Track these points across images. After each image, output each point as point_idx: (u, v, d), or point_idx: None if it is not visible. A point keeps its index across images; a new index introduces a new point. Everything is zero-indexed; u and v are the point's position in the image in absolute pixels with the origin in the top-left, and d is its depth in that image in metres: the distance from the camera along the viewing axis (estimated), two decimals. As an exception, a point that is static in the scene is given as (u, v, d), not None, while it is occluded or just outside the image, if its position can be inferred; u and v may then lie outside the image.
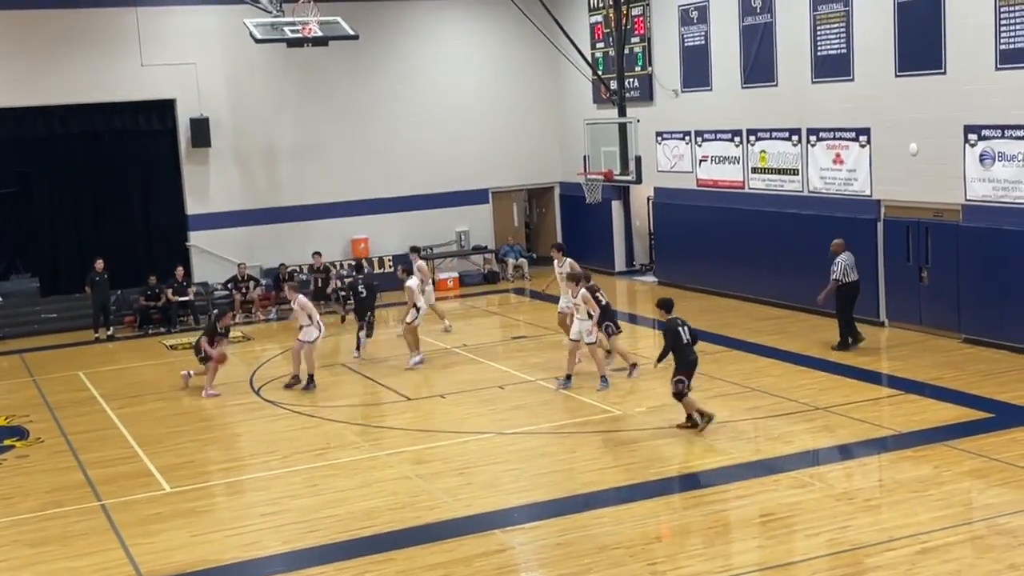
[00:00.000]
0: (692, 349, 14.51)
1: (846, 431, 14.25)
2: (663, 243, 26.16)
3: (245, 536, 11.86)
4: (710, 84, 23.93)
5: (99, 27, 25.04)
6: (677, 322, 14.55)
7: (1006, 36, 17.13)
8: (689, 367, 14.43)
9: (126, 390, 18.96)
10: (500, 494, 12.68)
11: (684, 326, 14.51)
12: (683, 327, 14.48)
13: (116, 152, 26.23)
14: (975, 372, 16.56)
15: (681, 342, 14.40)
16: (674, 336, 14.43)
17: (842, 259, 18.23)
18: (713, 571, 10.21)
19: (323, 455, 14.53)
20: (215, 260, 25.89)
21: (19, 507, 13.28)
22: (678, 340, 14.41)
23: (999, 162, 17.52)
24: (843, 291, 18.26)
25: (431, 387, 17.97)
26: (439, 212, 28.26)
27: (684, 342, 14.41)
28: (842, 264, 18.19)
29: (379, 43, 27.24)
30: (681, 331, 14.44)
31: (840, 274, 18.15)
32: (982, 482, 12.19)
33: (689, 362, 14.43)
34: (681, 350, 14.42)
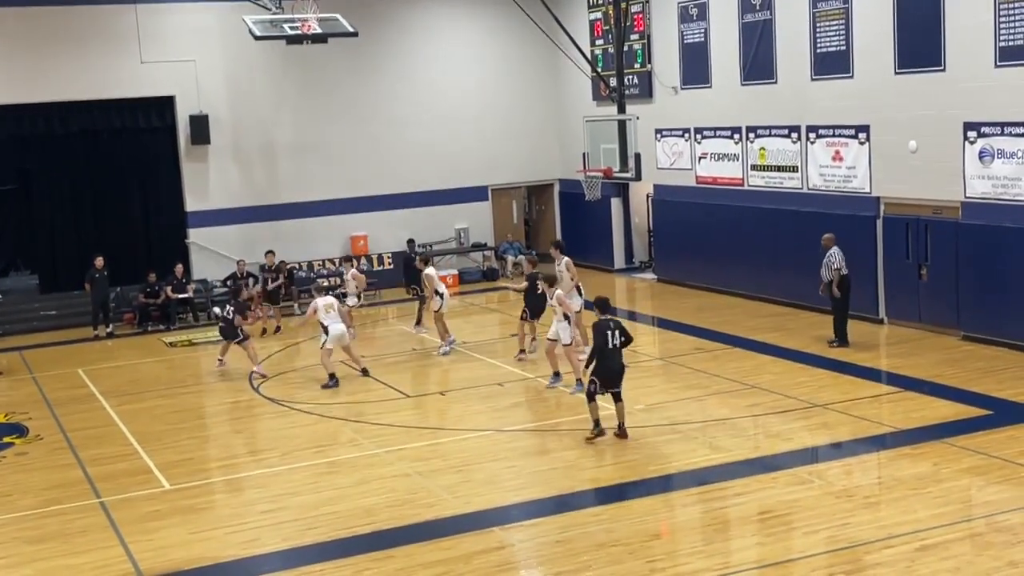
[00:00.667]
0: (616, 355, 14.06)
1: (845, 428, 14.26)
2: (662, 240, 26.16)
3: (244, 533, 11.86)
4: (709, 81, 23.92)
5: (98, 24, 25.03)
6: (608, 324, 14.14)
7: (1005, 33, 17.13)
8: (607, 372, 14.02)
9: (125, 387, 18.97)
10: (499, 491, 12.68)
11: (615, 330, 14.05)
12: (613, 331, 14.04)
13: (115, 149, 26.23)
14: (974, 369, 16.57)
15: (606, 345, 14.01)
16: (601, 337, 14.04)
17: (836, 251, 18.27)
18: (712, 568, 10.21)
19: (322, 452, 14.53)
20: (214, 257, 25.89)
21: (18, 504, 13.28)
22: (604, 342, 14.01)
23: (998, 159, 17.51)
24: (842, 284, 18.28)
25: (430, 384, 17.97)
26: (438, 209, 28.26)
27: (609, 346, 14.01)
28: (840, 257, 18.22)
29: (378, 40, 27.23)
30: (609, 334, 14.02)
31: (839, 264, 18.18)
32: (981, 479, 12.19)
33: (606, 367, 14.00)
34: (603, 354, 14.03)
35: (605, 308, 14.50)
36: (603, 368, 14.03)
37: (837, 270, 18.23)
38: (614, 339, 14.02)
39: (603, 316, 14.34)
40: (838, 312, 18.50)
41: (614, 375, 14.07)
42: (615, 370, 14.07)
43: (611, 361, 14.03)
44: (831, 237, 18.49)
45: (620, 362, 14.15)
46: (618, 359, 14.11)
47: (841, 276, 18.26)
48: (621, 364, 14.17)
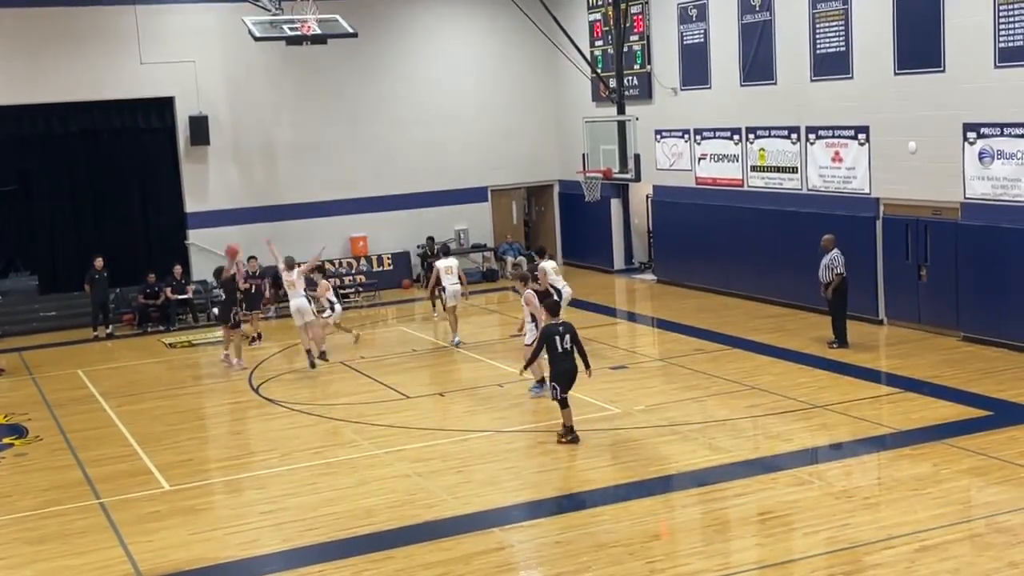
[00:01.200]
0: (568, 358, 14.09)
1: (845, 429, 14.26)
2: (662, 241, 26.16)
3: (244, 534, 11.86)
4: (709, 82, 23.92)
5: (98, 25, 25.03)
6: (557, 329, 14.15)
7: (1005, 34, 17.13)
8: (562, 376, 14.07)
9: (125, 388, 18.97)
10: (499, 492, 12.68)
11: (565, 335, 14.07)
12: (563, 335, 14.06)
13: (115, 150, 26.24)
14: (974, 370, 16.57)
15: (556, 350, 14.06)
16: (549, 342, 14.10)
17: (836, 253, 18.25)
18: (712, 569, 10.21)
19: (322, 453, 14.52)
20: (214, 258, 25.86)
21: (18, 505, 13.27)
22: (553, 347, 14.07)
23: (998, 160, 17.52)
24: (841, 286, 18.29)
25: (430, 385, 17.97)
26: (438, 210, 28.27)
27: (559, 351, 14.04)
28: (839, 259, 18.21)
29: (378, 41, 27.24)
30: (557, 339, 14.05)
31: (842, 267, 18.18)
32: (981, 480, 12.19)
33: (562, 371, 14.05)
34: (555, 359, 14.11)
35: (555, 312, 14.54)
36: (559, 372, 14.13)
37: (840, 274, 18.20)
38: (564, 343, 14.07)
39: (553, 321, 14.38)
40: (837, 313, 18.50)
41: (569, 378, 14.18)
42: (570, 373, 14.19)
43: (564, 364, 14.15)
44: (831, 238, 18.48)
45: (573, 365, 14.24)
46: (571, 362, 14.20)
47: (842, 278, 18.25)
48: (574, 368, 14.25)
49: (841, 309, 18.45)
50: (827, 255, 18.34)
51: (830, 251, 18.33)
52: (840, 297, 18.34)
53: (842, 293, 18.33)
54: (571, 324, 14.49)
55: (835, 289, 18.22)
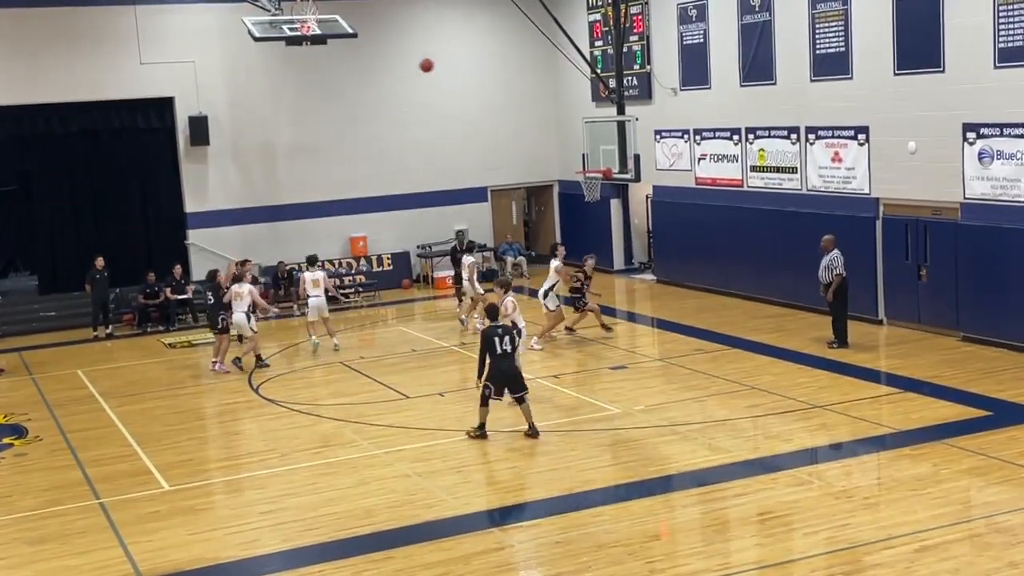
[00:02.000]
0: (507, 359, 14.39)
1: (845, 429, 14.26)
2: (662, 241, 26.17)
3: (244, 534, 11.86)
4: (709, 82, 23.93)
5: (98, 25, 25.04)
6: (496, 331, 14.44)
7: (1004, 35, 17.13)
8: (499, 377, 14.33)
9: (125, 388, 18.97)
10: (498, 492, 12.69)
11: (504, 336, 14.37)
12: (502, 337, 14.35)
13: (115, 150, 26.24)
14: (973, 370, 16.57)
15: (495, 351, 14.34)
16: (489, 344, 14.38)
17: (836, 254, 18.24)
18: (711, 569, 10.21)
19: (322, 453, 14.53)
20: (214, 258, 25.86)
21: (18, 505, 13.28)
22: (492, 349, 14.35)
23: (998, 160, 17.52)
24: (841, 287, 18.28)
25: (430, 385, 17.96)
26: (438, 210, 28.27)
27: (498, 352, 14.33)
28: (840, 259, 18.20)
29: (378, 41, 27.24)
30: (497, 340, 14.32)
31: (842, 268, 18.17)
32: (981, 480, 12.19)
33: (500, 372, 14.33)
34: (495, 359, 14.38)
35: (493, 316, 14.81)
36: (496, 373, 14.38)
37: (840, 275, 18.18)
38: (503, 344, 14.33)
39: (492, 324, 14.64)
40: (837, 313, 18.49)
41: (508, 379, 14.42)
42: (509, 374, 14.43)
43: (503, 365, 14.39)
44: (831, 239, 18.47)
45: (513, 366, 14.54)
46: (510, 363, 14.48)
47: (842, 279, 18.24)
48: (515, 368, 14.56)
49: (841, 309, 18.45)
50: (827, 255, 18.34)
51: (830, 251, 18.33)
52: (840, 298, 18.33)
53: (842, 294, 18.33)
54: (509, 327, 14.83)
55: (835, 290, 18.22)
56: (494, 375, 14.38)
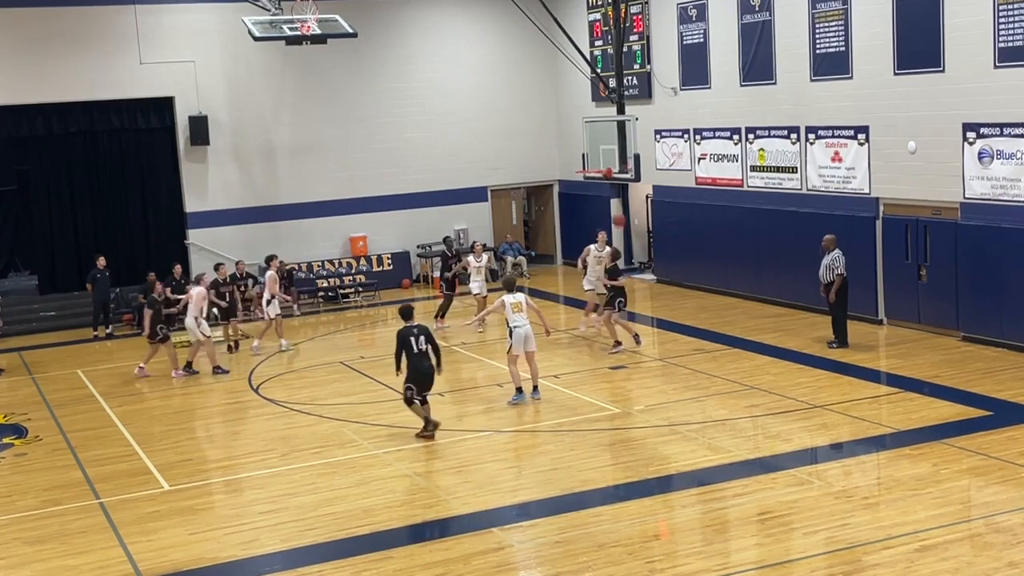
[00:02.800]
0: (425, 359, 14.54)
1: (844, 429, 14.26)
2: (662, 241, 26.17)
3: (243, 534, 11.87)
4: (709, 82, 23.92)
5: (98, 25, 25.03)
6: (411, 331, 14.58)
7: (1005, 34, 17.13)
8: (418, 376, 14.50)
9: (125, 388, 18.97)
10: (498, 492, 12.68)
11: (420, 336, 14.52)
12: (417, 336, 14.50)
13: (115, 150, 26.25)
14: (973, 370, 16.57)
15: (412, 351, 14.47)
16: (404, 344, 14.51)
17: (837, 254, 18.21)
18: (711, 569, 10.21)
19: (321, 453, 14.53)
20: (214, 258, 25.85)
21: (18, 505, 13.28)
22: (408, 348, 14.48)
23: (997, 160, 17.52)
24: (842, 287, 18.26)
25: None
26: (438, 210, 28.27)
27: (415, 351, 14.48)
28: (841, 259, 18.17)
29: (378, 41, 27.24)
30: (413, 340, 14.46)
31: (843, 268, 18.13)
32: (980, 480, 12.19)
33: (419, 371, 14.49)
34: (412, 359, 14.50)
35: (408, 316, 14.94)
36: (415, 373, 14.55)
37: (841, 274, 18.15)
38: (419, 344, 14.51)
39: (407, 324, 14.76)
40: (838, 313, 18.48)
41: (425, 377, 14.57)
42: (426, 373, 14.59)
43: (421, 364, 14.55)
44: (832, 239, 18.43)
45: (430, 365, 14.66)
46: (427, 362, 14.62)
47: (843, 279, 18.22)
48: (431, 367, 14.67)
49: (842, 309, 18.44)
50: (828, 255, 18.32)
51: (831, 251, 18.31)
52: (841, 297, 18.33)
53: (843, 293, 18.32)
54: (425, 326, 14.94)
55: (837, 290, 18.20)
56: (414, 375, 14.56)
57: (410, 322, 14.79)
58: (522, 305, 16.35)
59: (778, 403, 15.52)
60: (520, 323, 16.21)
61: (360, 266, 27.30)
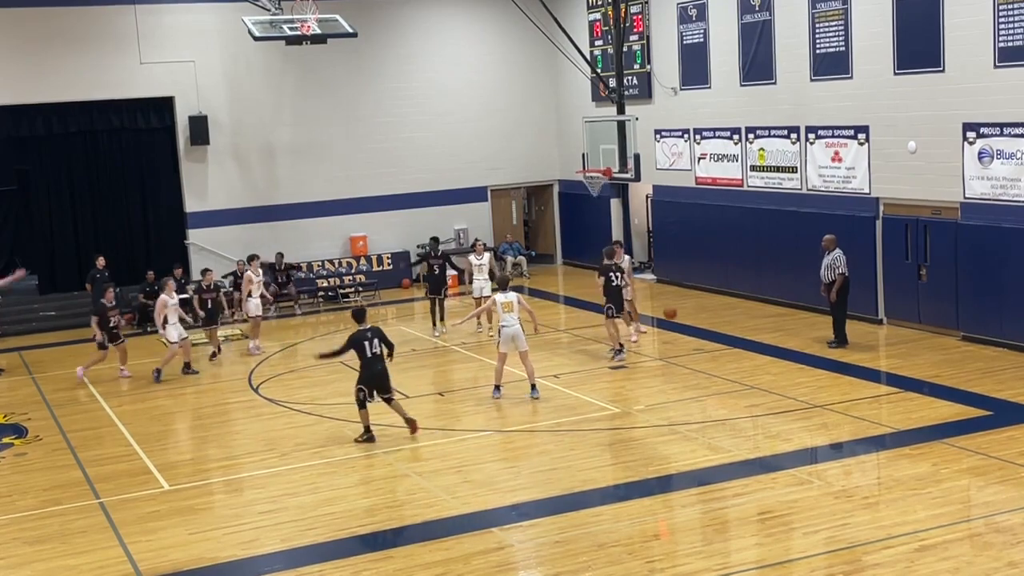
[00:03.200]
0: (379, 361, 14.64)
1: (844, 429, 14.26)
2: (662, 241, 26.17)
3: (243, 534, 11.86)
4: (709, 82, 23.92)
5: (98, 25, 25.04)
6: (365, 334, 14.68)
7: (1005, 34, 17.13)
8: (371, 379, 14.60)
9: (124, 388, 18.97)
10: (498, 492, 12.68)
11: (374, 339, 14.61)
12: (371, 340, 14.60)
13: (114, 150, 26.26)
14: (973, 370, 16.57)
15: (366, 355, 14.57)
16: (358, 347, 14.60)
17: (838, 254, 18.21)
18: (711, 569, 10.21)
19: (321, 453, 14.53)
20: (214, 258, 25.86)
21: (18, 505, 13.28)
22: (362, 351, 14.57)
23: (997, 160, 17.52)
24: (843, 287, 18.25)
25: (430, 385, 17.97)
26: (438, 210, 28.27)
27: (368, 355, 14.57)
28: (842, 259, 18.14)
29: (378, 41, 27.25)
30: (367, 344, 14.56)
31: (844, 268, 18.09)
32: (980, 480, 12.19)
33: (372, 374, 14.59)
34: (366, 362, 14.60)
35: (361, 319, 15.00)
36: (368, 375, 14.61)
37: (843, 274, 18.13)
38: (373, 347, 14.60)
39: (360, 327, 14.81)
40: (838, 313, 18.48)
41: (379, 380, 14.65)
42: (380, 375, 14.68)
43: (374, 367, 14.63)
44: (832, 239, 18.42)
45: (383, 368, 14.75)
46: (380, 365, 14.71)
47: (844, 279, 18.18)
48: (384, 370, 14.76)
49: (841, 309, 18.43)
50: (828, 255, 18.31)
51: (831, 251, 18.30)
52: (842, 297, 18.31)
53: (843, 293, 18.31)
54: (379, 328, 14.99)
55: (838, 290, 18.18)
56: (366, 378, 14.63)
57: (363, 325, 14.87)
58: (512, 305, 16.42)
59: (778, 403, 15.52)
60: (509, 323, 16.32)
61: (360, 266, 27.30)
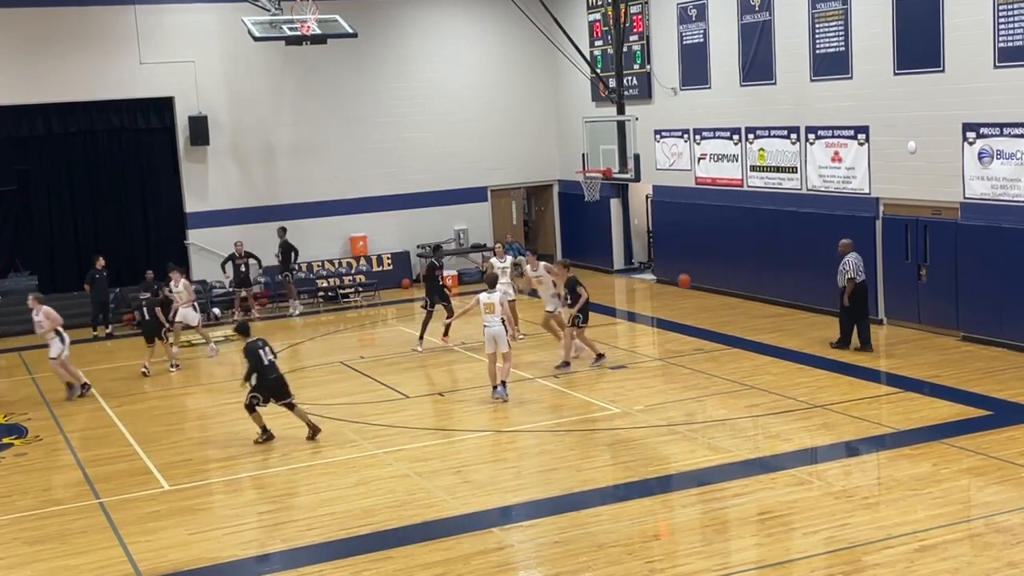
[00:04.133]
0: (274, 370, 15.02)
1: (844, 429, 14.25)
2: (662, 241, 26.17)
3: (243, 534, 11.87)
4: (709, 82, 23.92)
5: (98, 25, 25.04)
6: (257, 344, 15.04)
7: (1004, 34, 17.13)
8: (267, 386, 14.93)
9: (124, 388, 18.98)
10: (498, 492, 12.68)
11: (264, 347, 14.99)
12: (263, 348, 14.97)
13: (114, 150, 26.26)
14: (973, 370, 16.57)
15: (262, 363, 14.88)
16: (254, 357, 14.89)
17: (851, 258, 17.95)
18: (711, 569, 10.21)
19: (321, 453, 14.53)
20: (215, 258, 25.87)
21: (17, 505, 13.28)
22: (259, 361, 14.87)
23: (997, 160, 17.52)
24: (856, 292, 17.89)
25: (430, 385, 17.97)
26: (438, 210, 28.27)
27: (264, 364, 14.89)
28: (852, 263, 17.88)
29: (378, 41, 27.24)
30: (261, 353, 14.92)
31: (854, 272, 17.78)
32: (980, 480, 12.19)
33: (267, 382, 14.92)
34: (263, 370, 14.87)
35: (247, 332, 15.42)
36: (265, 384, 14.92)
37: (851, 279, 17.91)
38: (268, 356, 14.98)
39: (249, 339, 15.19)
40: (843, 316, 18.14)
41: (275, 387, 15.01)
42: (276, 383, 15.02)
43: (270, 375, 14.98)
44: (848, 243, 18.05)
45: (278, 376, 15.08)
46: (275, 373, 15.06)
47: (856, 283, 17.85)
48: (280, 377, 15.11)
49: (848, 313, 18.03)
50: (841, 260, 18.05)
51: (844, 256, 18.03)
52: (854, 302, 17.88)
53: (854, 298, 17.89)
54: (264, 339, 15.36)
55: (848, 295, 17.94)
56: (262, 386, 14.91)
57: (250, 337, 15.21)
58: (494, 306, 16.45)
59: (778, 403, 15.52)
60: (490, 323, 16.41)
61: (360, 266, 27.30)
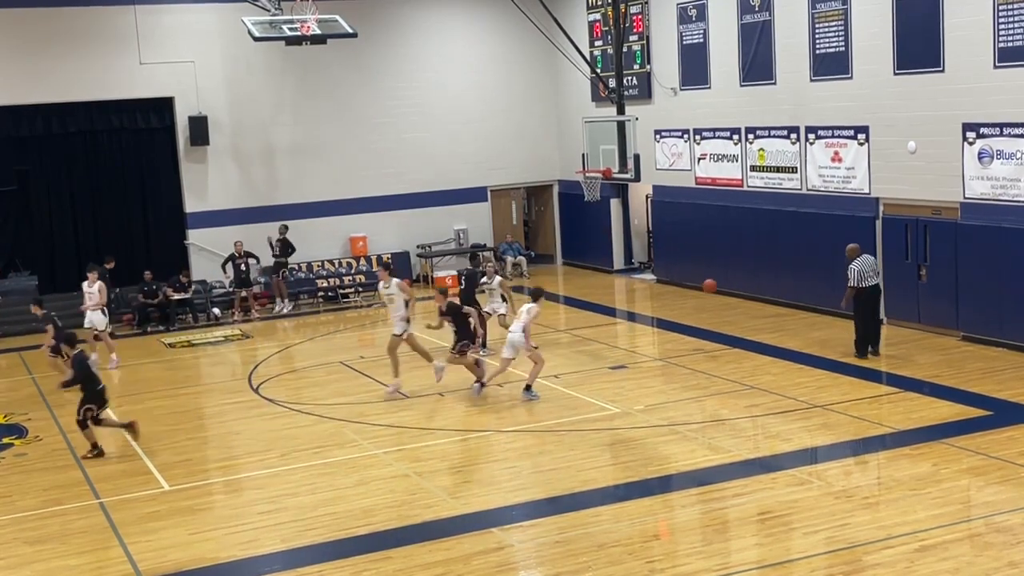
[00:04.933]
0: (100, 380, 15.17)
1: (844, 429, 14.26)
2: (662, 241, 26.17)
3: (243, 534, 11.87)
4: (709, 82, 23.92)
5: (98, 25, 25.03)
6: (86, 354, 15.28)
7: (1005, 34, 17.14)
8: (97, 398, 14.96)
9: (124, 388, 18.97)
10: (498, 492, 12.68)
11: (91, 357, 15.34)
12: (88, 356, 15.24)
13: (114, 150, 26.26)
14: (973, 370, 16.57)
15: (91, 372, 15.10)
16: (86, 368, 15.04)
17: (855, 264, 17.65)
18: (711, 569, 10.21)
19: (321, 453, 14.53)
20: (214, 259, 25.87)
21: (18, 505, 13.28)
22: (89, 371, 15.01)
23: (997, 160, 17.52)
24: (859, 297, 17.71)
25: (430, 385, 17.96)
26: (438, 210, 28.28)
27: (93, 372, 15.09)
28: (855, 270, 17.64)
29: (377, 41, 27.24)
30: (90, 363, 15.25)
31: (854, 280, 17.51)
32: (980, 480, 12.19)
33: (96, 392, 14.97)
34: (93, 379, 15.03)
35: (74, 342, 15.40)
36: (92, 393, 14.95)
37: (851, 286, 17.60)
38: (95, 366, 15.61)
39: (76, 350, 15.27)
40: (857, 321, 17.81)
41: (104, 396, 15.14)
42: (100, 392, 15.08)
43: (99, 385, 15.07)
44: (854, 248, 17.84)
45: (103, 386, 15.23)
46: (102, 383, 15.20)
47: (857, 290, 17.56)
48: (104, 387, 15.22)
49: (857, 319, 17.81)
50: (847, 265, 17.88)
51: (851, 261, 17.77)
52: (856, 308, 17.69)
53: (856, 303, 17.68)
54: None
55: (847, 300, 17.74)
56: (91, 396, 14.95)
57: (77, 349, 15.28)
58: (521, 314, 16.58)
59: (778, 403, 15.52)
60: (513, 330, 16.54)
61: (360, 266, 27.29)
